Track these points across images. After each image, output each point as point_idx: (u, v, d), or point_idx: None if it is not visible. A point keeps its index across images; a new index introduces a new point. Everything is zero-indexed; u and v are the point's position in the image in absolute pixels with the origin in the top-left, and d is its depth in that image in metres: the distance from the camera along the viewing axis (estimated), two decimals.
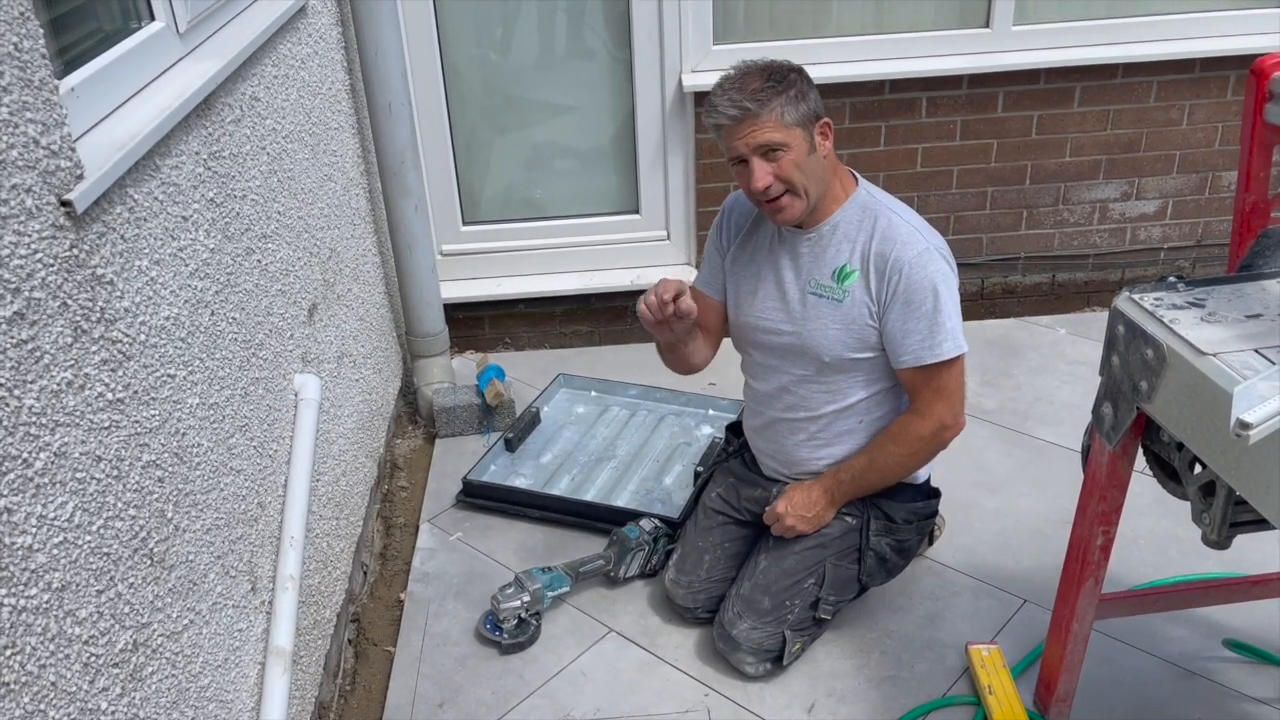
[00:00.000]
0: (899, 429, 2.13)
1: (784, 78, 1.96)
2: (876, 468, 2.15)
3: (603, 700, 2.15)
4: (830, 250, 2.08)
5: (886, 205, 2.08)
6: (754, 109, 1.94)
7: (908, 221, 2.05)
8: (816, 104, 1.99)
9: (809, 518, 2.16)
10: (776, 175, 1.98)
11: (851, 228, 2.07)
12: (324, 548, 2.24)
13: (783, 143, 1.95)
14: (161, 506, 1.49)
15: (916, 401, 2.10)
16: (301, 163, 2.31)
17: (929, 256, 2.01)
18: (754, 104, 1.94)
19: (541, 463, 2.87)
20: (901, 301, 2.01)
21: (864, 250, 2.05)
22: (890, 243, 2.02)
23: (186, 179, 1.66)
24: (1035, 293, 3.63)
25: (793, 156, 1.97)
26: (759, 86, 1.95)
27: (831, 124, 2.02)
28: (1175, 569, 2.39)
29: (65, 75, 1.43)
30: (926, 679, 2.16)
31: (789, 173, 1.98)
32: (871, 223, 2.05)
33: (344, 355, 2.56)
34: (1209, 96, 3.35)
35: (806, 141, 1.98)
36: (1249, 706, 2.06)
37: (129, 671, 1.37)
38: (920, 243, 2.02)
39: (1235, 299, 1.59)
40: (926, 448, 2.13)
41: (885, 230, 2.04)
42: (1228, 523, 1.53)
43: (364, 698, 2.26)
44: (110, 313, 1.37)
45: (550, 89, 3.33)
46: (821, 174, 2.02)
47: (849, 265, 2.06)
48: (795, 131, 1.96)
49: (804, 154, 1.98)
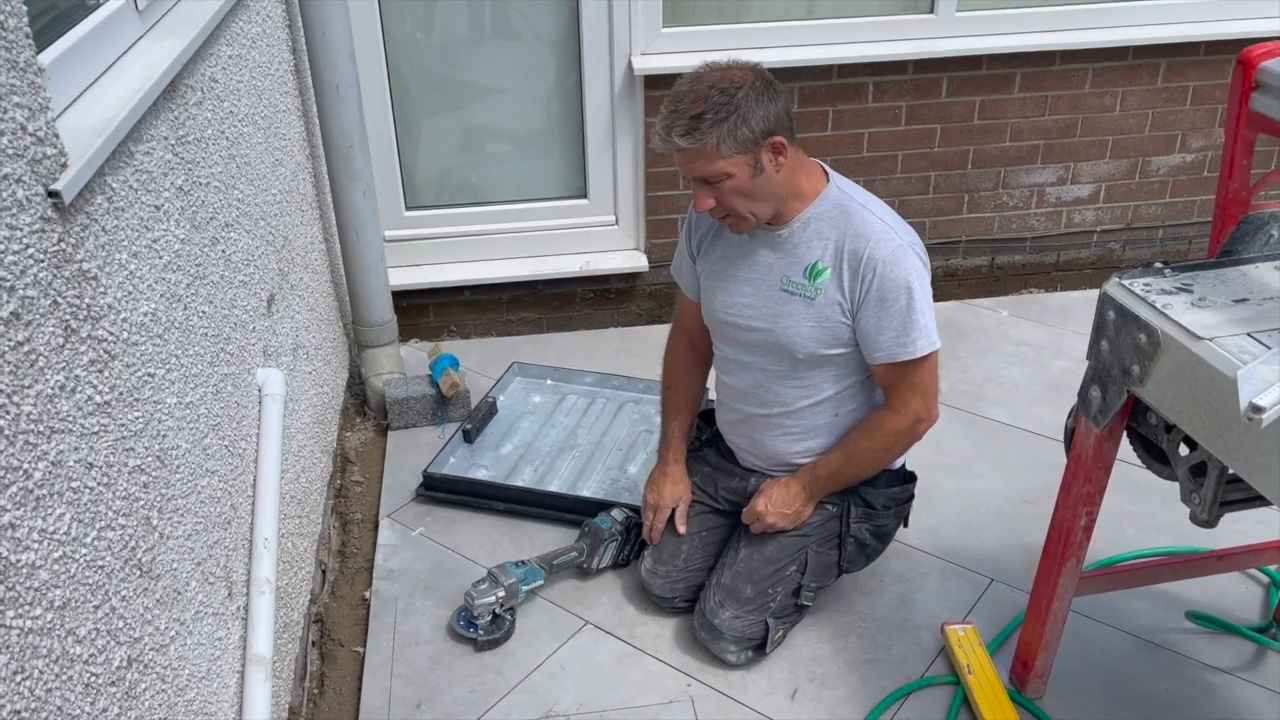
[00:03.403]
0: (874, 425, 2.13)
1: (725, 104, 1.87)
2: (853, 462, 2.16)
3: (585, 694, 2.13)
4: (802, 247, 2.05)
5: (859, 201, 2.05)
6: (687, 146, 1.89)
7: (881, 218, 2.03)
8: (766, 121, 1.90)
9: (789, 514, 2.16)
10: (719, 200, 1.97)
11: (824, 224, 2.04)
12: (290, 548, 2.16)
13: (722, 173, 1.92)
14: (147, 513, 1.41)
15: (891, 397, 2.10)
16: (256, 147, 2.22)
17: (902, 254, 1.99)
18: (687, 141, 1.89)
19: (502, 454, 2.81)
20: (875, 299, 1.99)
21: (837, 247, 2.02)
22: (863, 240, 1.99)
23: (157, 165, 1.57)
24: (975, 275, 3.70)
25: (734, 184, 1.93)
26: (697, 115, 1.87)
27: (785, 141, 1.93)
28: (1131, 544, 2.46)
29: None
30: (904, 660, 2.19)
31: (730, 200, 1.96)
32: (844, 219, 2.02)
33: (299, 347, 2.47)
34: (1140, 84, 3.45)
35: (750, 165, 1.92)
36: (1211, 675, 2.14)
37: (124, 689, 1.29)
38: (894, 240, 2.00)
39: (1220, 284, 1.63)
40: (902, 441, 2.14)
41: (858, 227, 2.01)
42: (1218, 502, 1.58)
43: (335, 701, 2.19)
44: (95, 310, 1.28)
45: (496, 71, 3.26)
46: (774, 189, 1.98)
47: (821, 263, 2.03)
48: (736, 160, 1.90)
49: (747, 179, 1.93)
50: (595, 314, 3.55)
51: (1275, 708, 2.06)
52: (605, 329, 3.55)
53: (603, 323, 3.56)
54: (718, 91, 1.88)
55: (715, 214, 2.01)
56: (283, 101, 2.55)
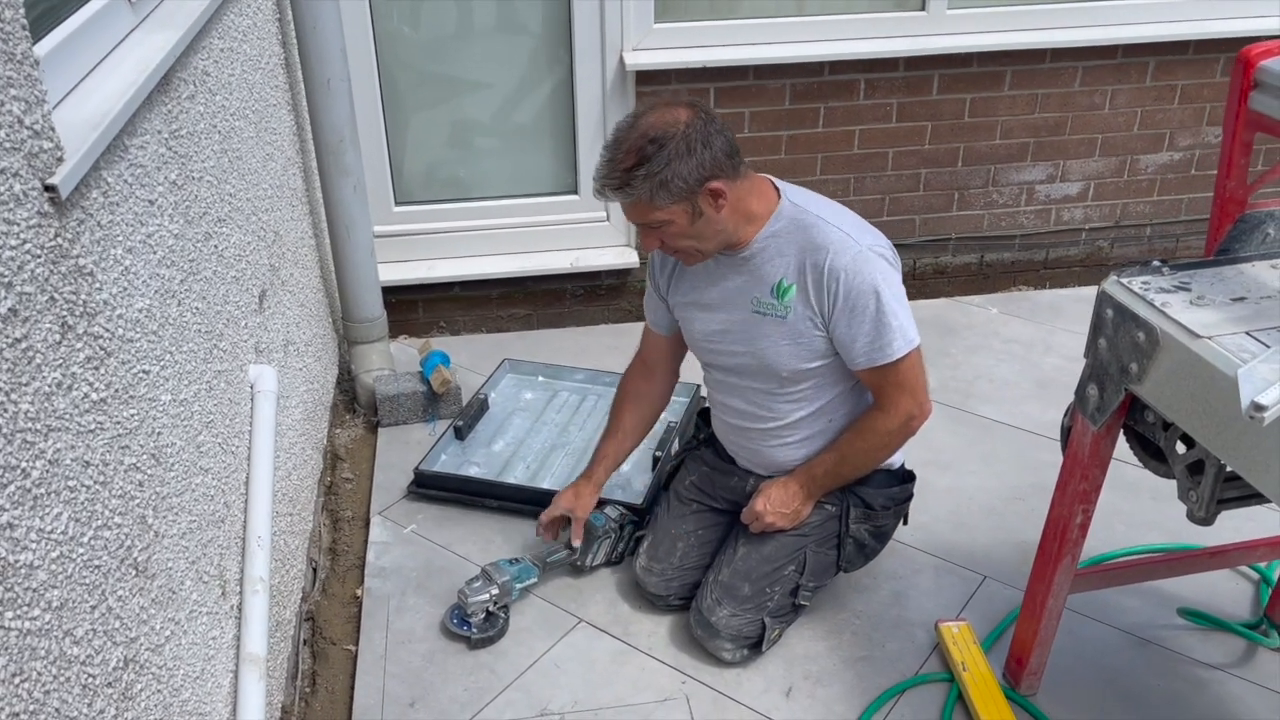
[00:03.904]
0: (866, 426, 2.12)
1: (659, 152, 1.85)
2: (849, 462, 2.15)
3: (579, 692, 2.12)
4: (765, 267, 2.03)
5: (814, 213, 2.03)
6: (619, 199, 1.92)
7: (837, 226, 2.00)
8: (702, 169, 1.87)
9: (788, 514, 2.16)
10: (663, 242, 1.98)
11: (782, 242, 2.02)
12: (281, 546, 2.15)
13: (660, 221, 1.92)
14: (143, 512, 1.39)
15: (879, 398, 2.09)
16: (248, 141, 2.20)
17: (863, 259, 1.97)
18: (622, 197, 1.91)
19: (494, 451, 2.80)
20: (845, 309, 1.97)
21: (799, 262, 2.00)
22: (822, 251, 1.97)
23: (151, 160, 1.55)
24: (964, 273, 3.70)
25: (675, 229, 1.94)
26: (629, 168, 1.87)
27: (723, 187, 1.91)
28: (1121, 541, 2.47)
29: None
30: (899, 657, 2.19)
31: (674, 243, 1.98)
32: (801, 234, 2.00)
33: (289, 343, 2.45)
34: (1129, 82, 3.46)
35: (689, 212, 1.91)
36: (1202, 671, 2.15)
37: (121, 691, 1.27)
38: (852, 246, 1.98)
39: (1218, 282, 1.63)
40: (896, 439, 2.14)
41: (816, 239, 1.99)
42: (1215, 499, 1.58)
43: (327, 700, 2.17)
44: (91, 306, 1.27)
45: (488, 66, 3.24)
46: (718, 228, 1.97)
47: (786, 280, 2.02)
48: (672, 209, 1.90)
49: (687, 225, 1.93)
50: (586, 310, 3.54)
51: (1266, 703, 2.07)
52: (596, 325, 3.54)
53: (593, 319, 3.54)
54: (648, 141, 1.87)
55: (665, 251, 2.03)
56: (273, 95, 2.53)
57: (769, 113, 3.30)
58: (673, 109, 1.91)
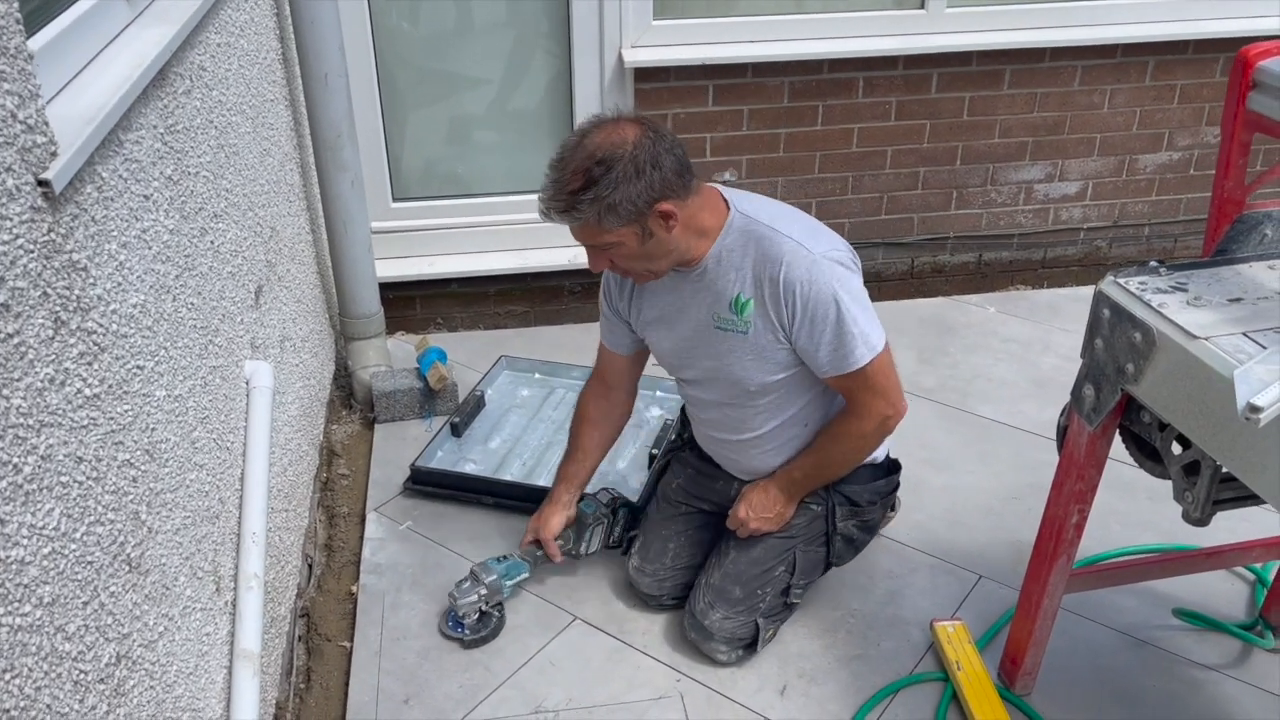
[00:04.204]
0: (842, 430, 2.09)
1: (606, 175, 1.78)
2: (828, 465, 2.13)
3: (574, 689, 2.12)
4: (720, 282, 1.98)
5: (765, 223, 1.96)
6: (565, 223, 1.86)
7: (789, 235, 1.94)
8: (651, 190, 1.81)
9: (771, 518, 2.15)
10: (612, 263, 1.94)
11: (735, 254, 1.96)
12: (277, 542, 2.14)
13: (609, 243, 1.87)
14: (136, 508, 1.39)
15: (852, 403, 2.05)
16: (244, 136, 2.19)
17: (818, 268, 1.91)
18: (568, 221, 1.85)
19: (490, 448, 2.80)
20: (805, 320, 1.93)
21: (754, 275, 1.95)
22: (777, 264, 1.92)
23: (146, 155, 1.54)
24: (962, 272, 3.70)
25: (625, 251, 1.89)
26: (575, 190, 1.80)
27: (673, 208, 1.84)
28: (1117, 541, 2.47)
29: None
30: (893, 656, 2.19)
31: (624, 265, 1.94)
32: (754, 245, 1.95)
33: (286, 339, 2.44)
34: (1128, 81, 3.46)
35: (638, 234, 1.85)
36: (1197, 672, 2.15)
37: (113, 687, 1.27)
38: (805, 255, 1.92)
39: (1215, 283, 1.63)
40: (872, 440, 2.11)
41: (768, 251, 1.93)
42: (1211, 500, 1.58)
43: (322, 696, 2.17)
44: (85, 301, 1.26)
45: (486, 62, 3.24)
46: (668, 248, 1.91)
47: (743, 294, 1.97)
48: (621, 231, 1.84)
49: (636, 247, 1.87)
50: (584, 307, 3.53)
51: (1261, 704, 2.07)
52: (594, 322, 3.51)
53: (591, 316, 3.53)
54: (595, 163, 1.80)
55: (615, 271, 2.00)
56: (270, 91, 2.52)
57: (767, 110, 3.29)
58: (620, 127, 1.84)
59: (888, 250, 3.61)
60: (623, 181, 1.79)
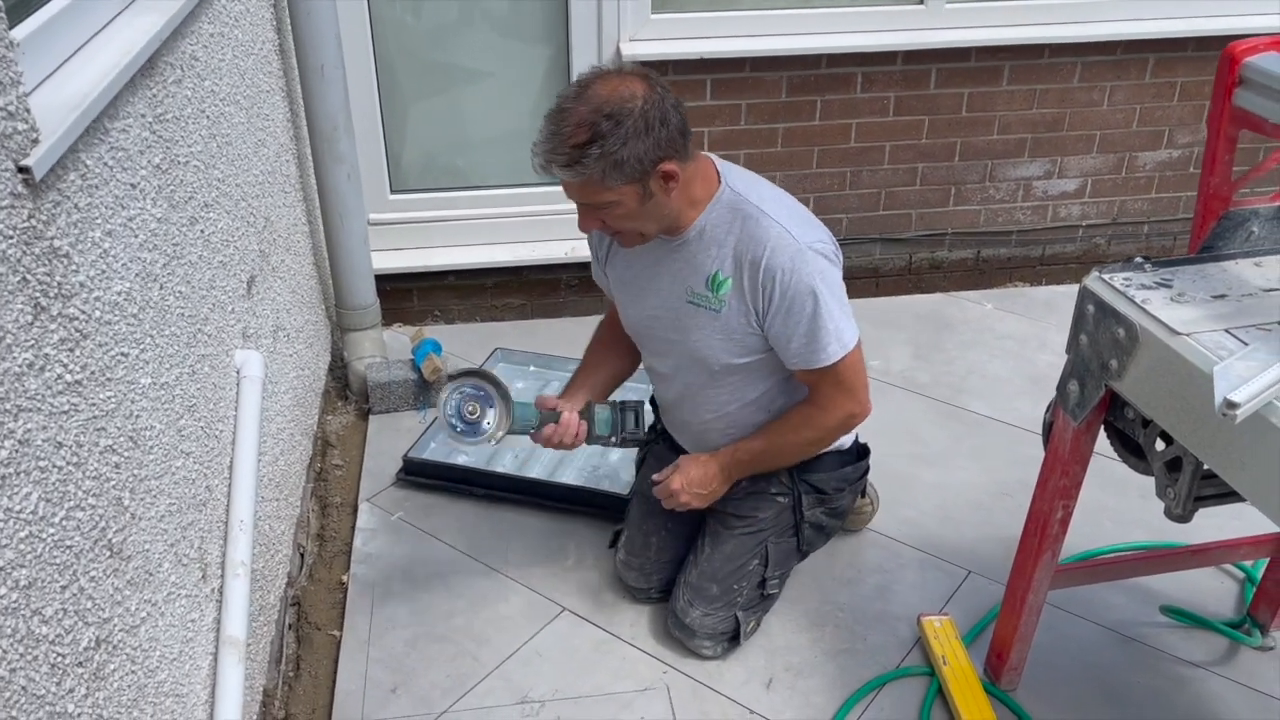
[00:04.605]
0: (803, 419, 2.05)
1: (615, 129, 1.71)
2: (779, 451, 2.08)
3: (560, 680, 2.13)
4: (700, 256, 1.95)
5: (754, 203, 1.91)
6: (565, 177, 1.77)
7: (777, 220, 1.90)
8: (658, 149, 1.75)
9: (704, 495, 2.10)
10: (605, 223, 1.87)
11: (719, 230, 1.92)
12: (267, 530, 2.15)
13: (608, 202, 1.80)
14: (119, 494, 1.40)
15: (817, 396, 2.02)
16: (238, 127, 2.20)
17: (802, 258, 1.87)
18: (570, 175, 1.76)
19: None
20: (780, 309, 1.90)
21: (735, 255, 1.91)
22: (760, 247, 1.88)
23: (134, 143, 1.55)
24: (960, 268, 3.70)
25: (621, 211, 1.82)
26: (581, 144, 1.72)
27: (677, 168, 1.80)
28: (1108, 538, 2.47)
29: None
30: (880, 650, 2.20)
31: (618, 225, 1.86)
32: (740, 225, 1.91)
33: (279, 329, 2.45)
34: (1128, 79, 3.45)
35: (639, 194, 1.79)
36: (1184, 669, 2.15)
37: (92, 670, 1.28)
38: (791, 244, 1.88)
39: (1200, 279, 1.63)
40: (831, 436, 2.08)
41: (753, 232, 1.89)
42: (1193, 497, 1.58)
43: (310, 684, 2.18)
44: (67, 288, 1.27)
45: (483, 55, 3.24)
46: (664, 210, 1.86)
47: (721, 273, 1.93)
48: (623, 190, 1.77)
49: (635, 206, 1.81)
50: (581, 301, 3.53)
51: (1247, 702, 2.07)
52: (591, 316, 3.52)
53: (588, 310, 3.54)
54: (604, 117, 1.72)
55: (604, 231, 1.93)
56: (266, 81, 2.53)
57: (765, 105, 3.29)
58: (626, 80, 1.77)
59: (885, 246, 3.60)
60: (632, 137, 1.72)
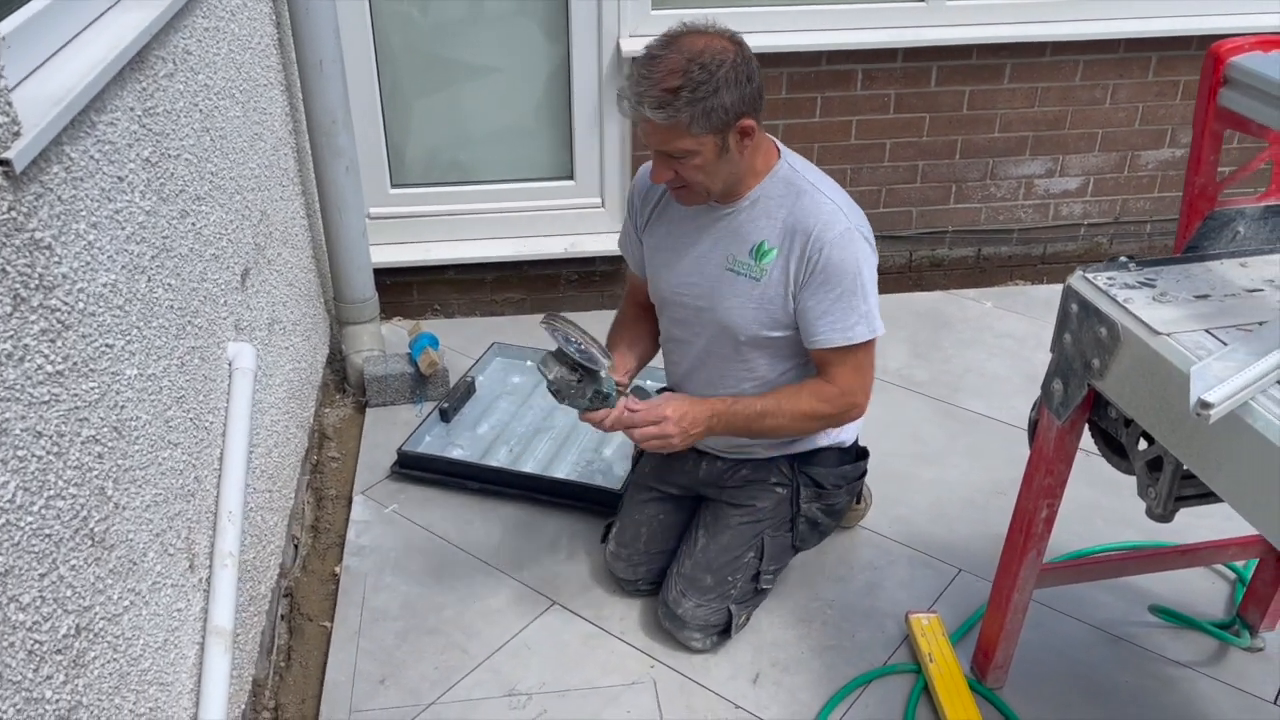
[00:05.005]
0: (808, 390, 2.04)
1: (707, 79, 1.78)
2: (773, 415, 2.03)
3: (548, 673, 2.14)
4: (748, 226, 1.99)
5: (810, 180, 1.98)
6: (657, 120, 1.81)
7: (831, 199, 1.96)
8: (740, 103, 1.82)
9: (691, 436, 2.00)
10: (678, 173, 1.90)
11: (772, 203, 1.97)
12: (258, 522, 2.17)
13: (687, 151, 1.85)
14: (101, 484, 1.41)
15: (827, 372, 2.03)
16: (233, 121, 2.21)
17: (850, 237, 1.93)
18: (659, 115, 1.80)
19: (478, 433, 2.82)
20: (819, 281, 1.94)
21: (785, 226, 1.95)
22: (812, 219, 1.93)
23: (122, 137, 1.56)
24: (961, 266, 3.69)
25: (698, 162, 1.87)
26: (673, 89, 1.78)
27: (755, 125, 1.87)
28: (1100, 538, 2.46)
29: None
30: (867, 647, 2.20)
31: (690, 176, 1.90)
32: (794, 199, 1.96)
33: (274, 322, 2.47)
34: (1131, 77, 3.43)
35: (717, 145, 1.85)
36: (1172, 669, 2.15)
37: (72, 658, 1.30)
38: (843, 221, 1.94)
39: (1184, 279, 1.63)
40: (828, 417, 2.06)
41: (808, 207, 1.94)
42: (1173, 497, 1.58)
43: (300, 675, 2.20)
44: (49, 279, 1.28)
45: (484, 50, 3.25)
46: (733, 169, 1.92)
47: (768, 243, 1.97)
48: (705, 139, 1.84)
49: (712, 158, 1.87)
50: (580, 296, 3.54)
51: (1235, 703, 2.07)
52: (589, 312, 3.54)
53: (587, 305, 3.55)
54: (698, 67, 1.79)
55: (672, 184, 1.96)
56: (264, 76, 2.54)
57: (765, 102, 3.28)
58: (715, 38, 1.84)
59: (886, 243, 3.59)
60: (723, 87, 1.79)
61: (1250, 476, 1.34)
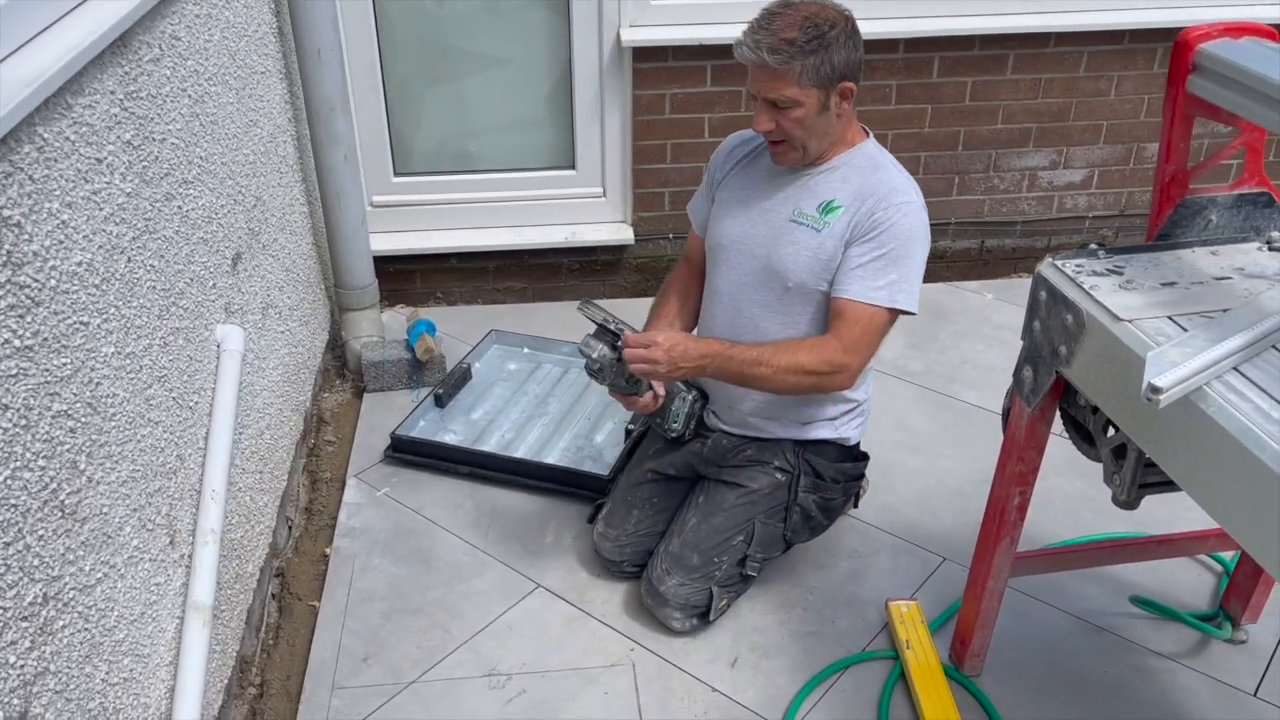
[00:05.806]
0: (808, 343, 2.06)
1: (820, 35, 1.93)
2: (761, 365, 2.03)
3: (529, 654, 2.16)
4: (823, 186, 2.09)
5: (891, 161, 2.12)
6: (774, 65, 1.93)
7: (908, 181, 2.08)
8: (846, 65, 1.97)
9: (680, 369, 2.01)
10: (779, 124, 2.00)
11: (853, 172, 2.08)
12: (247, 501, 2.21)
13: (794, 101, 1.96)
14: (74, 458, 1.45)
15: (835, 325, 2.05)
16: (226, 107, 2.24)
17: (919, 217, 2.05)
18: (776, 60, 1.93)
19: (472, 419, 2.85)
20: (871, 238, 2.02)
21: (858, 190, 2.06)
22: (886, 188, 2.04)
23: (101, 119, 1.60)
24: (964, 258, 3.68)
25: (800, 114, 1.98)
26: (790, 39, 1.92)
27: (854, 88, 2.01)
28: (1087, 529, 2.46)
29: None
30: (847, 634, 2.21)
31: (790, 128, 2.01)
32: (872, 170, 2.07)
33: (269, 306, 2.51)
34: (1136, 68, 3.40)
35: (820, 101, 1.98)
36: (1152, 660, 2.14)
37: (38, 625, 1.33)
38: (915, 200, 2.06)
39: (1152, 267, 1.63)
40: (813, 370, 2.04)
41: (886, 180, 2.06)
42: (1137, 484, 1.58)
43: (287, 652, 2.24)
44: (17, 256, 1.32)
45: (486, 39, 3.27)
46: (829, 130, 2.03)
47: (838, 200, 2.06)
48: (811, 92, 1.96)
49: (814, 112, 1.99)
50: (581, 285, 3.57)
51: (1214, 694, 2.06)
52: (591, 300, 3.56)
53: (588, 294, 3.57)
54: (813, 25, 1.93)
55: (770, 136, 2.05)
56: (262, 63, 2.58)
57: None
58: (828, 7, 1.98)
59: None
60: (835, 44, 1.94)
61: (1204, 462, 1.34)
